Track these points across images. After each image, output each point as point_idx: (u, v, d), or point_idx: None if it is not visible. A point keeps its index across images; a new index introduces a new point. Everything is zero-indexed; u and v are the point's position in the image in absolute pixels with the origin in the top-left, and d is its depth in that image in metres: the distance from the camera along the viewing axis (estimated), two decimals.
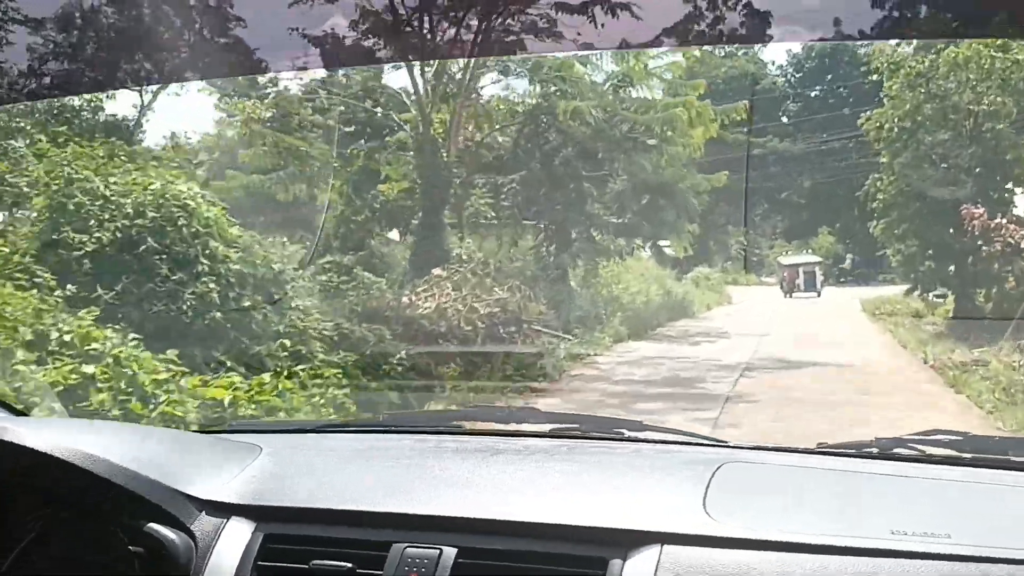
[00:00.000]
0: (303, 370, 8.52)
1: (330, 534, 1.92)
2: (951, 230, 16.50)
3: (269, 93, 16.91)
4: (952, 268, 17.34)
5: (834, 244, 41.08)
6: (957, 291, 17.43)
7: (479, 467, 2.20)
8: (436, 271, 13.69)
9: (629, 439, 2.44)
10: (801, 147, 37.84)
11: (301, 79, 16.15)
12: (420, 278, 13.75)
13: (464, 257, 14.55)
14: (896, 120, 17.29)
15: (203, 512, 2.00)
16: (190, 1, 13.62)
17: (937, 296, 18.38)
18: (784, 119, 37.77)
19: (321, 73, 16.18)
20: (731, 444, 2.37)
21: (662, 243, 20.44)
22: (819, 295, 28.98)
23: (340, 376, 8.79)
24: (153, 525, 1.96)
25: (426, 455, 2.36)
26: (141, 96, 17.36)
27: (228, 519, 2.00)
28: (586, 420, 2.72)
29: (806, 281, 29.63)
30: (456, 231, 16.35)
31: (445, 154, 15.67)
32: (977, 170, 16.67)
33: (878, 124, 18.23)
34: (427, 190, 15.70)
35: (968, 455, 2.15)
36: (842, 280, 40.02)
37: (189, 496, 2.02)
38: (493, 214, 17.08)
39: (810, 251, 42.62)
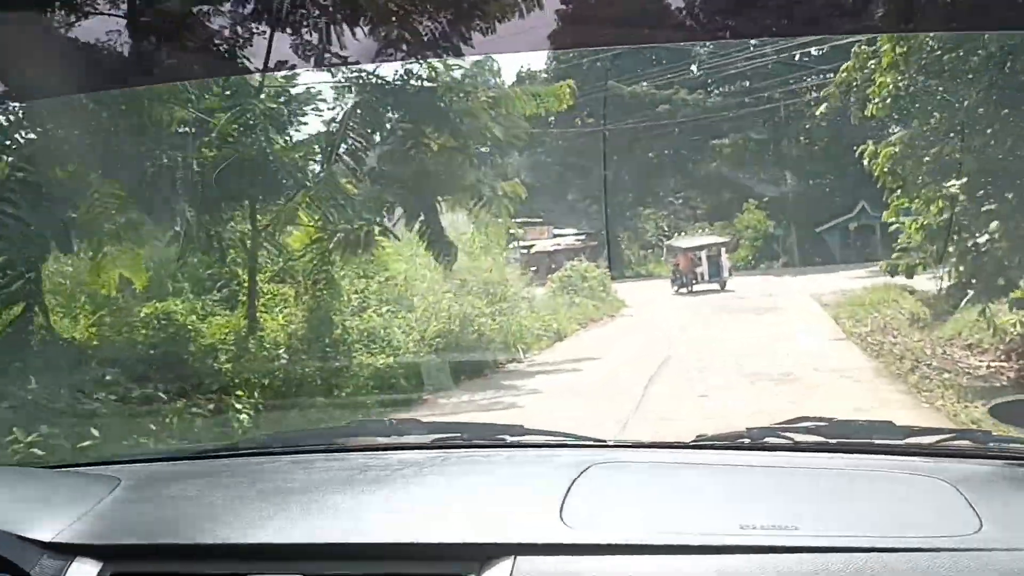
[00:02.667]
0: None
1: (180, 570, 1.87)
2: None
3: None
4: None
5: (764, 221, 33.82)
6: None
7: (344, 488, 2.16)
8: None
9: (508, 445, 2.44)
10: (717, 100, 30.39)
11: None
12: None
13: None
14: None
15: (44, 555, 1.88)
16: None
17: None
18: (694, 68, 29.89)
19: None
20: (609, 443, 2.40)
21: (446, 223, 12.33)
22: (724, 286, 22.10)
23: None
24: None
25: (294, 477, 2.30)
26: None
27: (71, 561, 1.88)
28: (469, 428, 2.71)
29: (710, 268, 22.67)
30: None
31: None
32: None
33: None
34: None
35: (834, 440, 2.17)
36: (774, 266, 32.84)
37: (29, 540, 1.91)
38: None
39: (731, 231, 35.28)
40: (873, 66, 12.69)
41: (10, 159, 8.92)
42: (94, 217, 8.87)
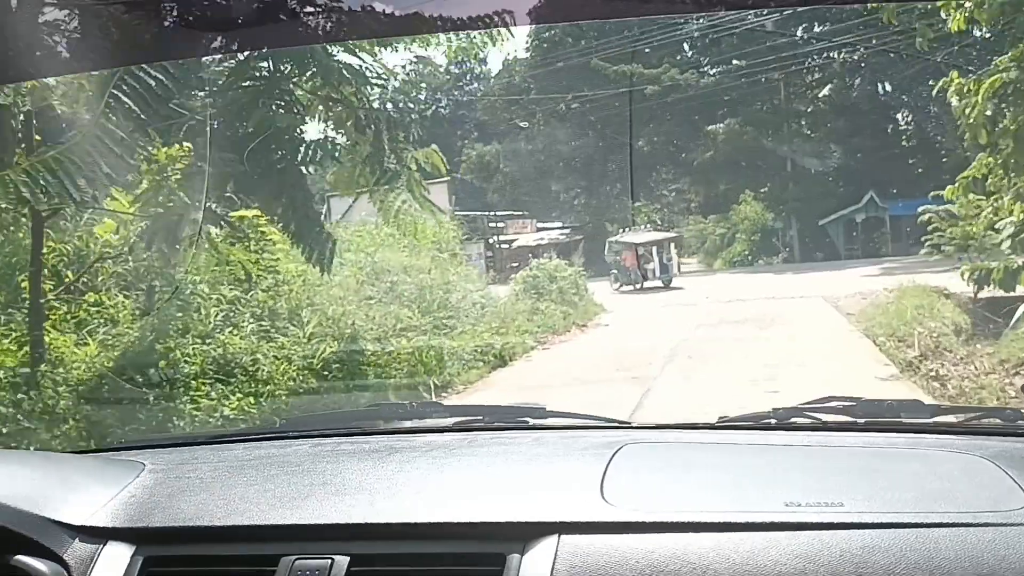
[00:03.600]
0: None
1: (214, 552, 1.84)
2: None
3: None
4: None
5: (763, 213, 31.40)
6: None
7: (374, 469, 2.12)
8: None
9: (532, 427, 2.43)
10: (711, 81, 27.86)
11: None
12: None
13: None
14: None
15: (76, 539, 1.88)
16: None
17: None
18: (686, 46, 27.39)
19: None
20: (633, 424, 2.44)
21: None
22: (668, 284, 20.17)
23: None
24: (21, 558, 1.85)
25: (320, 460, 2.25)
26: None
27: (104, 544, 1.87)
28: (490, 411, 2.67)
29: (662, 264, 20.82)
30: None
31: None
32: None
33: None
34: None
35: (862, 420, 2.17)
36: (774, 262, 30.40)
37: (60, 523, 1.89)
38: None
39: (727, 224, 32.87)
40: None
41: None
42: None
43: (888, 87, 28.07)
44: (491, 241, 34.10)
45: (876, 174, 27.74)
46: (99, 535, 1.87)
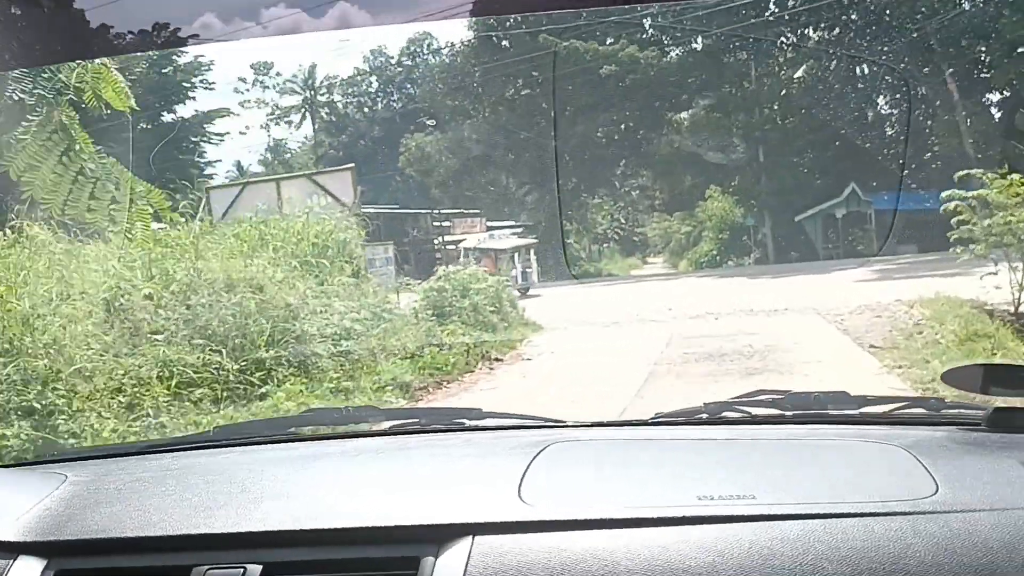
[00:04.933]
0: None
1: (126, 564, 1.81)
2: None
3: None
4: None
5: (732, 209, 28.56)
6: None
7: (297, 474, 2.11)
8: None
9: (467, 428, 2.44)
10: (673, 60, 24.81)
11: None
12: None
13: None
14: None
15: None
16: None
17: None
18: (646, 22, 24.38)
19: None
20: (568, 423, 2.41)
21: None
22: (526, 292, 18.08)
23: None
24: None
25: (244, 468, 2.22)
26: None
27: (14, 559, 1.86)
28: (427, 413, 2.78)
29: (522, 272, 19.95)
30: None
31: None
32: None
33: None
34: None
35: (790, 412, 2.21)
36: (745, 262, 27.58)
37: None
38: None
39: (692, 222, 30.08)
40: None
41: None
42: None
43: (870, 68, 25.34)
44: (436, 242, 31.10)
45: (858, 165, 25.04)
46: (9, 549, 1.87)
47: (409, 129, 31.17)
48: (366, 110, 36.63)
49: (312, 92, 39.41)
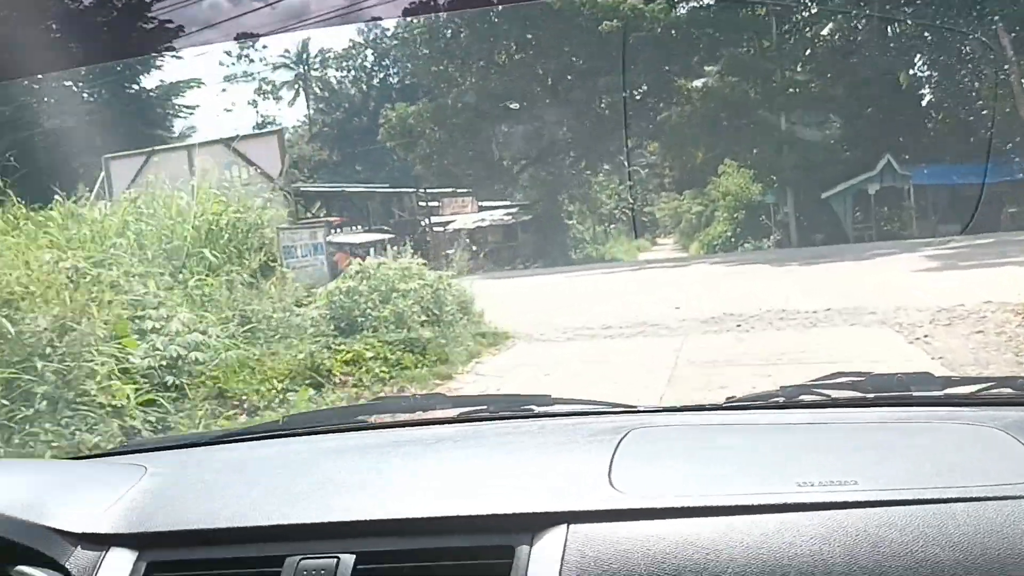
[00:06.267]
0: None
1: (218, 555, 1.79)
2: None
3: None
4: None
5: (749, 186, 25.68)
6: None
7: (378, 464, 2.09)
8: None
9: (537, 415, 2.41)
10: (683, 15, 21.86)
11: None
12: None
13: None
14: None
15: (78, 547, 1.84)
16: None
17: None
18: None
19: None
20: (640, 408, 2.39)
21: None
22: None
23: None
24: (21, 568, 1.80)
25: (323, 457, 2.24)
26: None
27: (106, 551, 1.83)
28: (494, 400, 2.70)
29: None
30: None
31: None
32: None
33: None
34: None
35: (871, 395, 2.16)
36: (764, 245, 24.74)
37: (61, 531, 1.87)
38: None
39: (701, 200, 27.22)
40: None
41: None
42: None
43: (906, 23, 22.46)
44: (423, 224, 28.45)
45: (892, 134, 22.22)
46: (101, 542, 1.86)
47: (390, 99, 28.43)
48: (348, 84, 34.01)
49: (306, 68, 37.12)
